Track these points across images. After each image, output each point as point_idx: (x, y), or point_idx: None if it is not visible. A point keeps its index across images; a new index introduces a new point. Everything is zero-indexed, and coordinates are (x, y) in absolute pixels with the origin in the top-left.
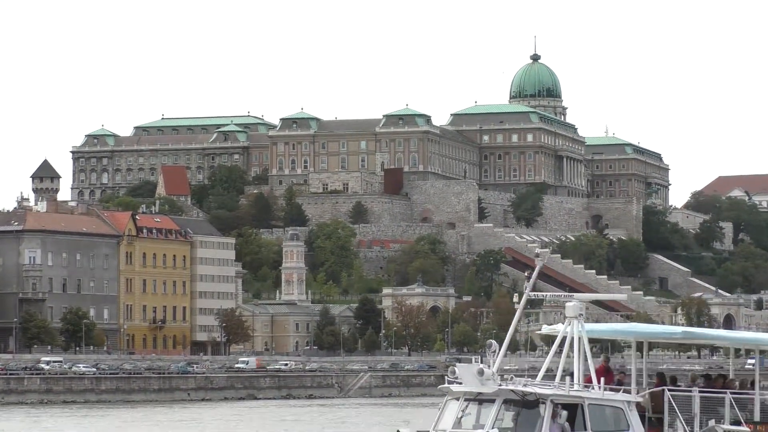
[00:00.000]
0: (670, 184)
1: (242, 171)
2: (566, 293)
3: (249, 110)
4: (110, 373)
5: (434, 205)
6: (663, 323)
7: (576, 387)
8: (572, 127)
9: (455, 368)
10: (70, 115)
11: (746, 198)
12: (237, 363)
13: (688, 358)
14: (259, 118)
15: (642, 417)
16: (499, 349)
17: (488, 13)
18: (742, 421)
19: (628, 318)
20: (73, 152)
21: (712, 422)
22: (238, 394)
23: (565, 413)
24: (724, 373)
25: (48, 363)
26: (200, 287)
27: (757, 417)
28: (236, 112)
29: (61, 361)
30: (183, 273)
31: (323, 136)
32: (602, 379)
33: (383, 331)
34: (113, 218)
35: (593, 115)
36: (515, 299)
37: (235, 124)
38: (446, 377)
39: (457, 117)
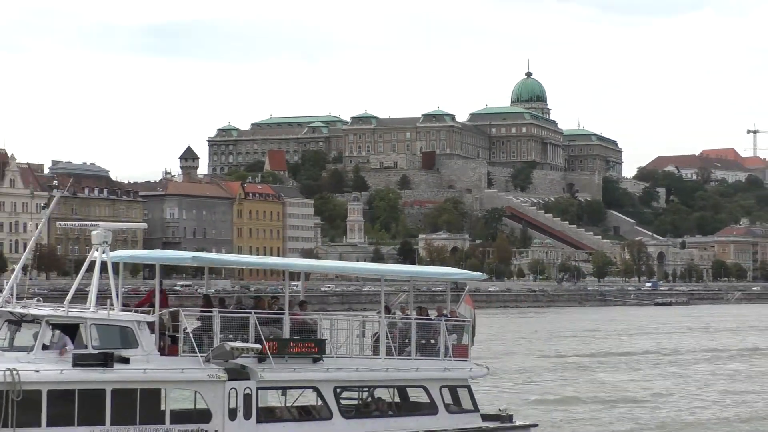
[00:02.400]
0: (622, 162)
1: (324, 153)
2: (93, 222)
3: (330, 111)
4: (225, 293)
5: (456, 177)
6: (614, 259)
7: (79, 308)
8: (554, 123)
9: None
10: (206, 113)
11: (676, 171)
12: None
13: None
14: (337, 117)
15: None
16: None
17: (497, 42)
18: (263, 338)
19: (590, 255)
20: (208, 141)
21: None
22: (314, 308)
23: (57, 333)
24: (264, 294)
25: (181, 286)
26: (289, 234)
27: (286, 335)
28: (321, 112)
29: (190, 285)
30: (277, 224)
31: (380, 129)
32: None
33: (417, 263)
34: (228, 186)
35: (569, 113)
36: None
37: (320, 121)
38: None
39: (473, 115)
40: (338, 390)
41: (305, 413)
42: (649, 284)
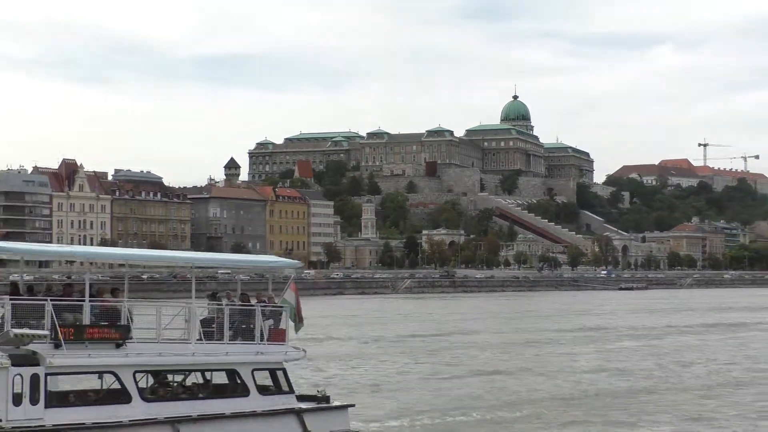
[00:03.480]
0: (593, 170)
1: (344, 163)
2: None
3: (349, 128)
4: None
5: (454, 182)
6: (587, 252)
7: None
8: (536, 137)
9: None
10: (247, 130)
11: (638, 178)
12: (332, 273)
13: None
14: (355, 133)
15: None
16: None
17: (489, 71)
18: (57, 325)
19: (565, 248)
20: (249, 153)
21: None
22: (332, 291)
23: None
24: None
25: (220, 274)
26: (313, 230)
27: (86, 321)
28: (342, 129)
29: (229, 273)
30: (303, 222)
31: (391, 143)
32: None
33: (420, 255)
34: (263, 190)
35: (549, 130)
36: None
37: (341, 136)
38: None
39: (468, 131)
40: (139, 375)
41: (104, 397)
42: (605, 271)
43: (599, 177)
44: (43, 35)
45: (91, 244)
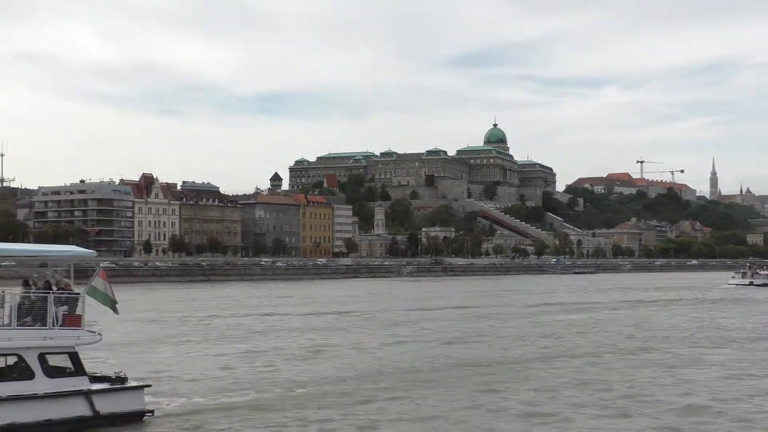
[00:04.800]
0: (556, 181)
1: (362, 176)
2: None
3: (367, 149)
4: (295, 266)
5: (447, 191)
6: (549, 245)
7: None
8: (511, 156)
9: None
10: (288, 150)
11: (590, 187)
12: (355, 261)
13: None
14: (371, 153)
15: None
16: None
17: (475, 104)
18: None
19: (533, 241)
20: (289, 168)
21: None
22: (348, 276)
23: None
24: None
25: (264, 261)
26: (336, 228)
27: None
28: (361, 150)
29: (270, 260)
30: (328, 222)
31: (399, 160)
32: None
33: (419, 247)
34: (297, 197)
35: (521, 150)
36: None
37: (360, 156)
38: None
39: (459, 151)
40: None
41: None
42: (555, 260)
43: (560, 187)
44: (130, 76)
45: (164, 241)
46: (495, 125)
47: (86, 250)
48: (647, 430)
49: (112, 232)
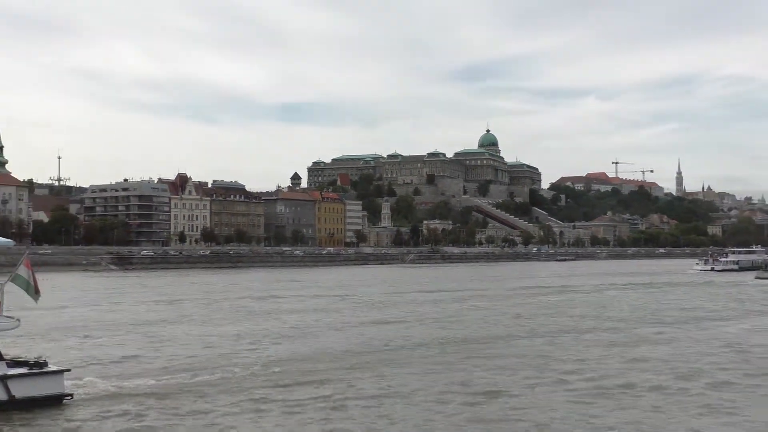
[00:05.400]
0: (541, 180)
1: (372, 176)
2: None
3: (375, 151)
4: (309, 255)
5: (446, 188)
6: (535, 236)
7: None
8: (502, 158)
9: None
10: (307, 152)
11: (571, 185)
12: (364, 250)
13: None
14: (380, 155)
15: None
16: None
17: (471, 113)
18: None
19: (521, 233)
20: (307, 168)
21: None
22: (358, 262)
23: None
24: None
25: (284, 250)
26: (347, 221)
27: None
28: (370, 152)
29: (290, 250)
30: (340, 215)
31: (403, 162)
32: None
33: (421, 238)
34: (313, 194)
35: (510, 153)
36: None
37: (370, 157)
38: None
39: (456, 154)
40: None
41: None
42: (535, 249)
43: (545, 184)
44: (169, 87)
45: (197, 232)
46: (488, 131)
47: (4, 239)
48: (585, 398)
49: (151, 225)
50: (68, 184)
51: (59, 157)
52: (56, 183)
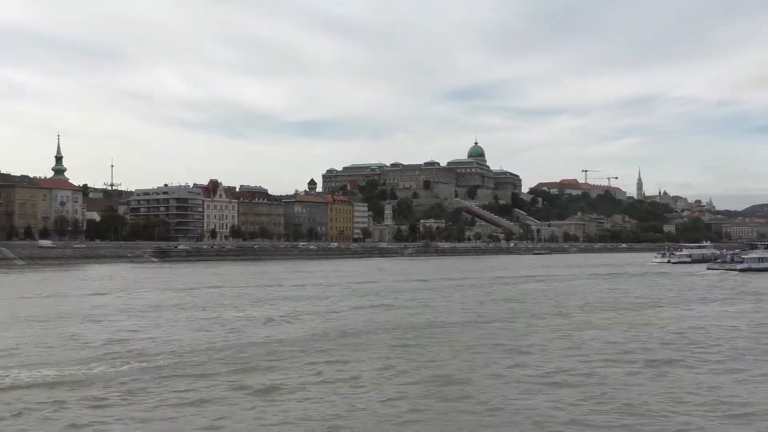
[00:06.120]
0: (521, 185)
1: (377, 181)
2: None
3: (380, 161)
4: (321, 249)
5: (440, 192)
6: (516, 233)
7: None
8: (488, 167)
9: None
10: (322, 161)
11: (547, 190)
12: (370, 244)
13: None
14: (384, 164)
15: None
16: None
17: (462, 129)
18: None
19: (503, 231)
20: (322, 175)
21: None
22: (363, 256)
23: None
24: None
25: (300, 245)
26: (355, 220)
27: None
28: (376, 161)
29: (305, 244)
30: (349, 215)
31: (404, 170)
32: None
33: (418, 234)
34: (326, 197)
35: (495, 162)
36: None
37: (375, 166)
38: None
39: (449, 163)
40: None
41: None
42: (513, 244)
43: (525, 189)
44: (205, 106)
45: (226, 229)
46: (476, 143)
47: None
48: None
49: (187, 223)
50: (120, 188)
51: (112, 166)
52: (109, 187)
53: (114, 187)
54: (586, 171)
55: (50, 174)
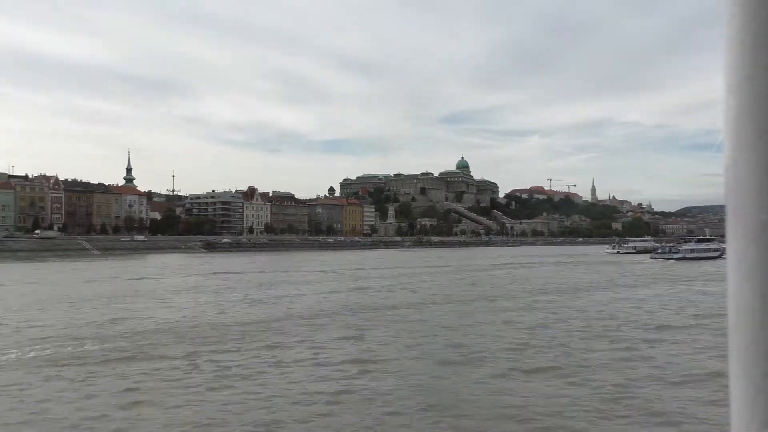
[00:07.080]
0: (499, 191)
1: (383, 188)
2: None
3: (386, 172)
4: (337, 242)
5: (434, 197)
6: (494, 229)
7: None
8: (472, 176)
9: None
10: (340, 172)
11: (520, 195)
12: (377, 238)
13: None
14: (389, 174)
15: None
16: None
17: (450, 147)
18: None
19: (483, 227)
20: (340, 183)
21: None
22: (371, 247)
23: None
24: None
25: (320, 239)
26: (365, 219)
27: None
28: (383, 173)
29: (324, 238)
30: (360, 215)
31: (404, 179)
32: None
33: (415, 230)
34: (341, 201)
35: (479, 173)
36: None
37: (383, 176)
38: None
39: (441, 173)
40: None
41: None
42: (487, 238)
43: (502, 194)
44: (248, 128)
45: (261, 227)
46: (462, 158)
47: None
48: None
49: (230, 221)
50: (180, 194)
51: (173, 176)
52: (171, 193)
53: (174, 193)
54: (550, 180)
55: (122, 182)
